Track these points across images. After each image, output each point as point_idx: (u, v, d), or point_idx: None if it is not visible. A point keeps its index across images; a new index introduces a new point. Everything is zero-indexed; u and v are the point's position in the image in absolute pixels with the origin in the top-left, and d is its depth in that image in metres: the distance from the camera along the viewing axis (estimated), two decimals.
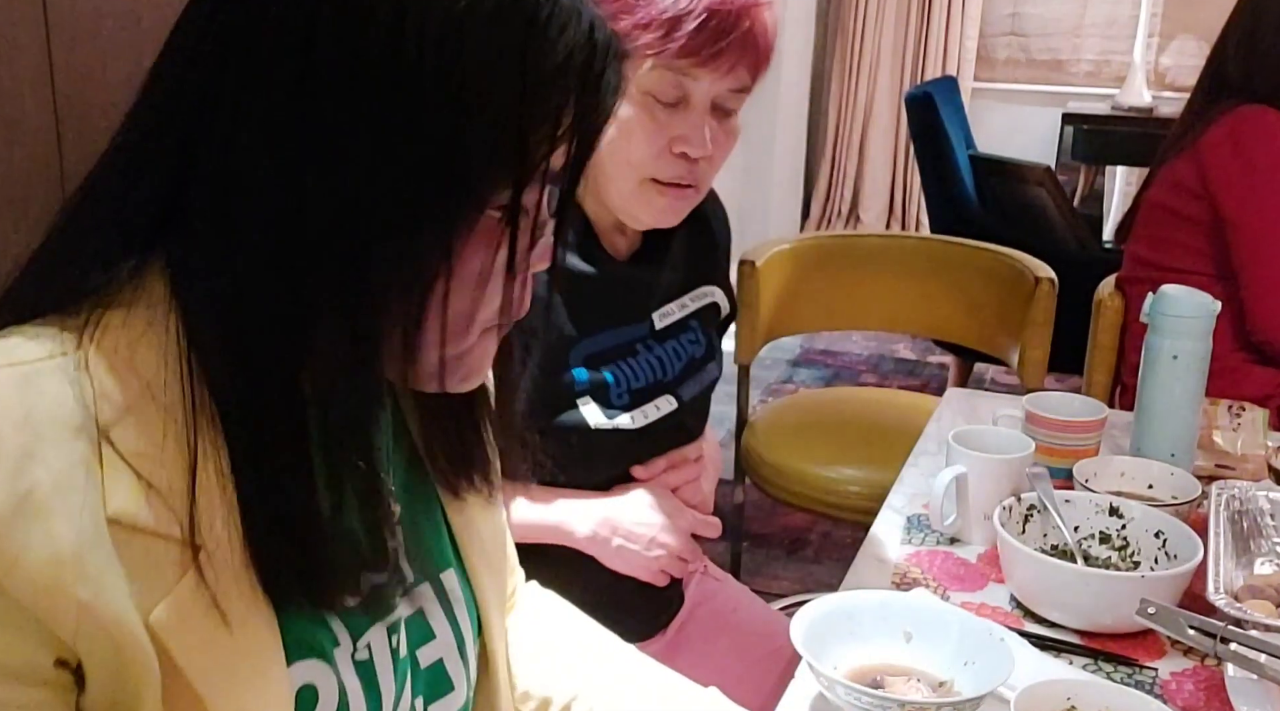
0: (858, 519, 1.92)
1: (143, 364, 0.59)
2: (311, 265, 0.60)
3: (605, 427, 1.17)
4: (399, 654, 0.72)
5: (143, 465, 0.57)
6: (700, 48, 1.07)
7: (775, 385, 4.02)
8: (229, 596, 0.59)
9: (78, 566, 0.54)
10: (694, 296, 1.31)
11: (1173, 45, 5.18)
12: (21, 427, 0.54)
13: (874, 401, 2.54)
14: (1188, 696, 0.98)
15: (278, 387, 0.61)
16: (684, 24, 1.05)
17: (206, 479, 0.59)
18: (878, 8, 5.43)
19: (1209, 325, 1.32)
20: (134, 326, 0.59)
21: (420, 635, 0.76)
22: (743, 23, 1.08)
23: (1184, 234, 1.93)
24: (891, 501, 1.33)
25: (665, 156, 1.13)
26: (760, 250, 2.25)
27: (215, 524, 0.59)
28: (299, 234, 0.59)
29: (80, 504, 0.54)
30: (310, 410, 0.62)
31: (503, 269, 0.65)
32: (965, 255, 2.30)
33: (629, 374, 1.21)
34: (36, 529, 0.53)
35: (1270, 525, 1.13)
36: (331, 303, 0.60)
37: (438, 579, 0.78)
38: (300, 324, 0.60)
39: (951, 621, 0.98)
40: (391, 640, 0.72)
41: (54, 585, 0.53)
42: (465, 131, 0.60)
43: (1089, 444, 1.33)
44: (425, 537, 0.79)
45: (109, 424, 0.56)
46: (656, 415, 1.22)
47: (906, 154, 5.48)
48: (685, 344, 1.28)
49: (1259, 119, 1.84)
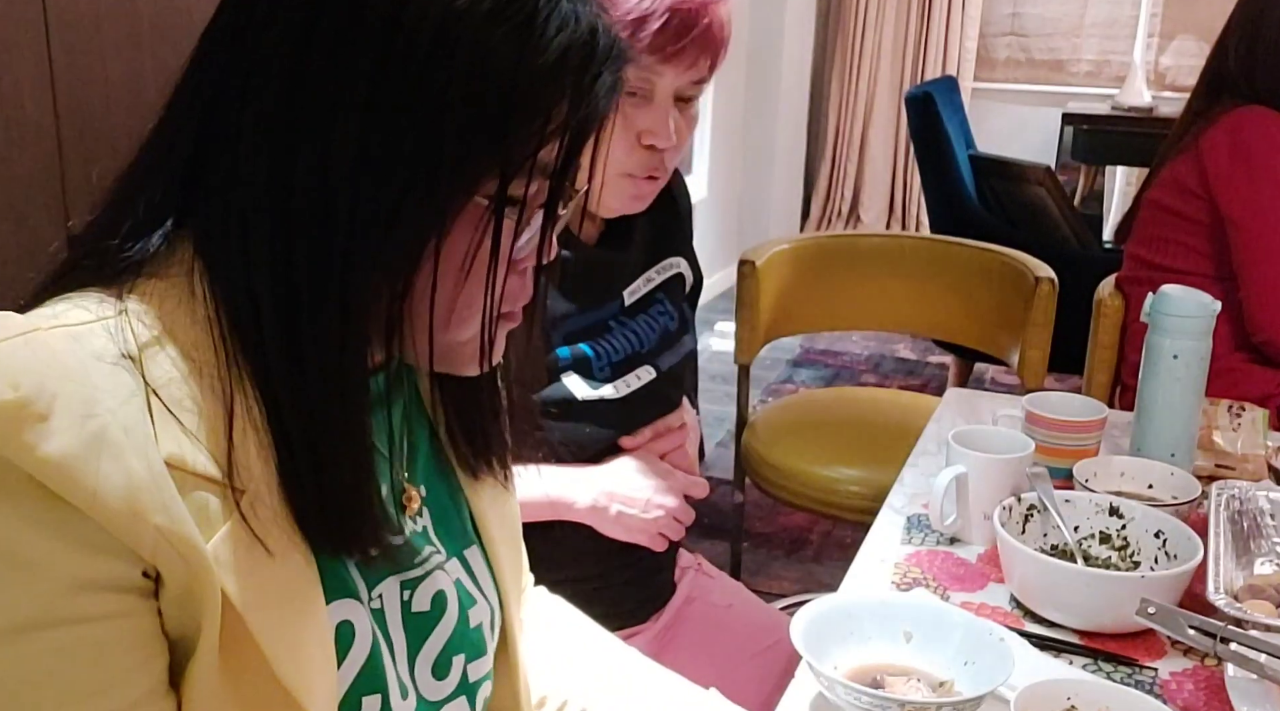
0: (858, 519, 1.92)
1: (176, 324, 0.63)
2: (304, 240, 0.63)
3: (591, 398, 1.22)
4: (410, 607, 0.75)
5: (185, 416, 0.61)
6: (664, 45, 1.11)
7: (775, 385, 4.02)
8: (270, 537, 0.63)
9: (151, 495, 0.57)
10: (659, 269, 1.36)
11: (1173, 45, 5.18)
12: (81, 380, 0.57)
13: (874, 401, 2.54)
14: (1188, 696, 0.98)
15: (287, 356, 0.64)
16: (649, 24, 1.10)
17: (242, 429, 0.63)
18: (878, 8, 5.43)
19: (1209, 325, 1.32)
20: (166, 291, 0.64)
21: (466, 599, 0.80)
22: (702, 19, 1.13)
23: (1184, 234, 1.93)
24: (891, 501, 1.33)
25: (635, 150, 1.18)
26: (760, 250, 2.25)
27: (253, 470, 0.63)
28: (291, 209, 0.63)
29: (144, 444, 0.58)
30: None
31: (486, 258, 0.67)
32: (965, 255, 2.30)
33: (607, 349, 1.26)
34: (110, 464, 0.56)
35: (1270, 525, 1.13)
36: (320, 276, 0.63)
37: (463, 555, 0.82)
38: (296, 295, 0.63)
39: (951, 621, 0.98)
40: (404, 594, 0.75)
41: (132, 512, 0.56)
42: (452, 118, 0.62)
43: (1089, 444, 1.33)
44: (451, 516, 0.82)
45: (152, 378, 0.60)
46: (638, 384, 1.27)
47: (906, 154, 5.48)
48: (656, 315, 1.33)
49: (1259, 119, 1.84)
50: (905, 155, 5.52)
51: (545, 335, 1.21)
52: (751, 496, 2.36)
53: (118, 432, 0.57)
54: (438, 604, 0.77)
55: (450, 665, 0.78)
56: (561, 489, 1.21)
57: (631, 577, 1.32)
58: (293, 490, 0.65)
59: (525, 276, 0.72)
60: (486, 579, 0.83)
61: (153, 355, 0.61)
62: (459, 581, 0.80)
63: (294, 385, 0.64)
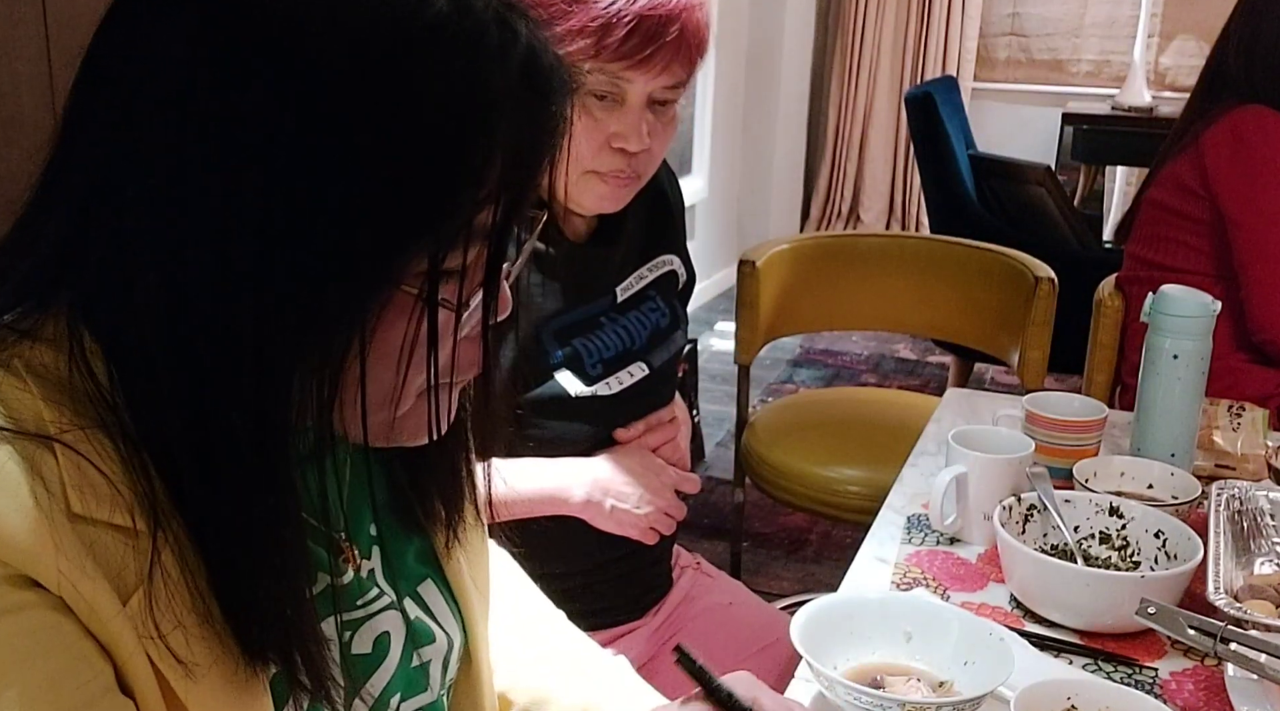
0: (858, 519, 1.92)
1: (61, 381, 0.58)
2: (205, 340, 0.56)
3: (584, 395, 1.23)
4: (350, 649, 0.73)
5: (102, 461, 0.56)
6: (632, 52, 1.10)
7: (775, 385, 4.02)
8: (198, 590, 0.59)
9: (55, 540, 0.53)
10: (651, 266, 1.36)
11: (1173, 45, 5.18)
12: None
13: (874, 401, 2.54)
14: (1188, 696, 0.98)
15: (187, 443, 0.58)
16: (614, 30, 1.09)
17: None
18: (878, 8, 5.43)
19: (1209, 325, 1.32)
20: (46, 353, 0.58)
21: (422, 635, 0.77)
22: (672, 27, 1.11)
23: (1184, 233, 1.93)
24: (891, 501, 1.33)
25: (605, 151, 1.18)
26: (760, 250, 2.25)
27: (173, 517, 0.58)
28: (190, 302, 0.56)
29: (44, 492, 0.54)
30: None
31: (424, 343, 0.60)
32: (965, 255, 2.30)
33: (599, 346, 1.27)
34: (6, 500, 0.53)
35: (1270, 525, 1.13)
36: (226, 379, 0.57)
37: (416, 592, 0.79)
38: (198, 398, 0.57)
39: (951, 621, 0.98)
40: (343, 635, 0.72)
41: (33, 551, 0.53)
42: (366, 188, 0.55)
43: (1089, 444, 1.33)
44: (405, 551, 0.79)
45: (55, 424, 0.56)
46: (630, 381, 1.28)
47: (906, 154, 5.48)
48: (647, 312, 1.34)
49: (1259, 118, 1.84)
50: (905, 155, 5.52)
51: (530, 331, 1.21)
52: (751, 496, 2.36)
53: (11, 471, 0.53)
54: (379, 646, 0.74)
55: (387, 706, 0.75)
56: (557, 483, 1.21)
57: (625, 571, 1.33)
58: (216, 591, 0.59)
59: (475, 341, 0.64)
60: (445, 612, 0.80)
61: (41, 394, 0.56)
62: (417, 620, 0.77)
63: (205, 484, 0.58)
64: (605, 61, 1.11)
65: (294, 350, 0.57)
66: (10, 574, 0.53)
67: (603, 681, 0.95)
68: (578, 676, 0.95)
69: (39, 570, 0.53)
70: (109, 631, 0.55)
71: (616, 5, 1.08)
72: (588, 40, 1.09)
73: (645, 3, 1.08)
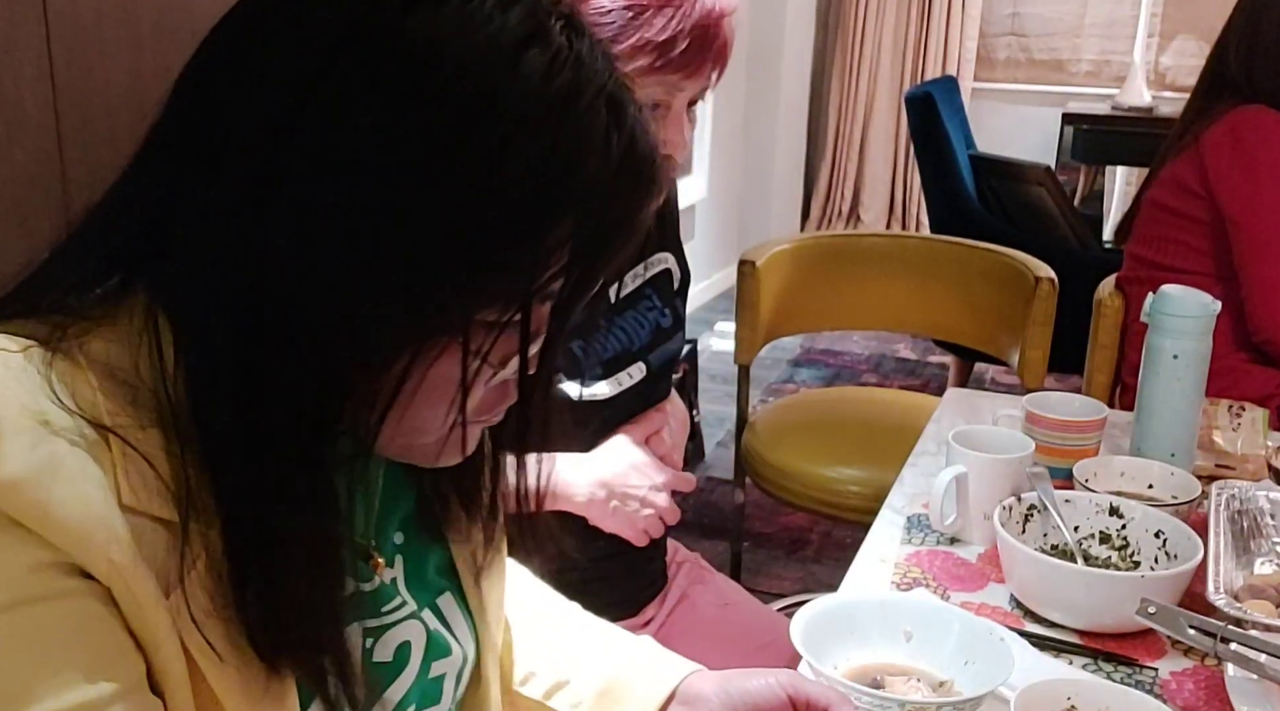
0: (858, 519, 1.92)
1: (121, 370, 0.59)
2: (272, 344, 0.58)
3: (584, 397, 1.24)
4: (371, 655, 0.73)
5: (153, 455, 0.58)
6: (689, 62, 1.13)
7: (775, 385, 4.02)
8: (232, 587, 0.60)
9: (108, 530, 0.54)
10: (647, 265, 1.37)
11: (1173, 45, 5.18)
12: (31, 405, 0.55)
13: (874, 401, 2.54)
14: (1188, 696, 0.98)
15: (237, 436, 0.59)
16: (678, 44, 1.11)
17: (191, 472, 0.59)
18: (878, 8, 5.43)
19: (1209, 325, 1.32)
20: (111, 340, 0.60)
21: (438, 649, 0.78)
22: (718, 36, 1.14)
23: (1184, 234, 1.93)
24: (891, 501, 1.33)
25: None
26: (760, 250, 2.25)
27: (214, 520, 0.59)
28: (264, 304, 0.58)
29: (99, 481, 0.55)
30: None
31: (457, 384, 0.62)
32: (965, 255, 2.30)
33: (596, 346, 1.27)
34: (64, 488, 0.54)
35: (1270, 525, 1.13)
36: (284, 382, 0.59)
37: (435, 604, 0.80)
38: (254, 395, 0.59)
39: (951, 621, 0.98)
40: (366, 641, 0.72)
41: (85, 537, 0.54)
42: (449, 250, 0.57)
43: (1089, 444, 1.33)
44: (427, 562, 0.80)
45: (111, 417, 0.57)
46: (630, 383, 1.29)
47: (906, 154, 5.48)
48: (644, 312, 1.34)
49: (1259, 119, 1.84)
50: (905, 155, 5.52)
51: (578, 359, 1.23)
52: (751, 496, 2.36)
53: (70, 463, 0.54)
54: (400, 655, 0.75)
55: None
56: (562, 479, 1.22)
57: (622, 567, 1.33)
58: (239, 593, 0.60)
59: (510, 383, 0.66)
60: (461, 625, 0.81)
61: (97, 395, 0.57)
62: (435, 632, 0.77)
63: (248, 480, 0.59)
64: (666, 74, 1.12)
65: (351, 368, 0.60)
66: (61, 561, 0.54)
67: (624, 657, 0.94)
68: (600, 653, 0.94)
69: (90, 559, 0.54)
70: (149, 622, 0.56)
71: (675, 19, 1.10)
72: (651, 56, 1.11)
73: (700, 15, 1.11)
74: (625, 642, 0.96)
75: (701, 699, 0.86)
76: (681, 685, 0.88)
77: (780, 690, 0.83)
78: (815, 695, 0.83)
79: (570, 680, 0.92)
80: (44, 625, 0.54)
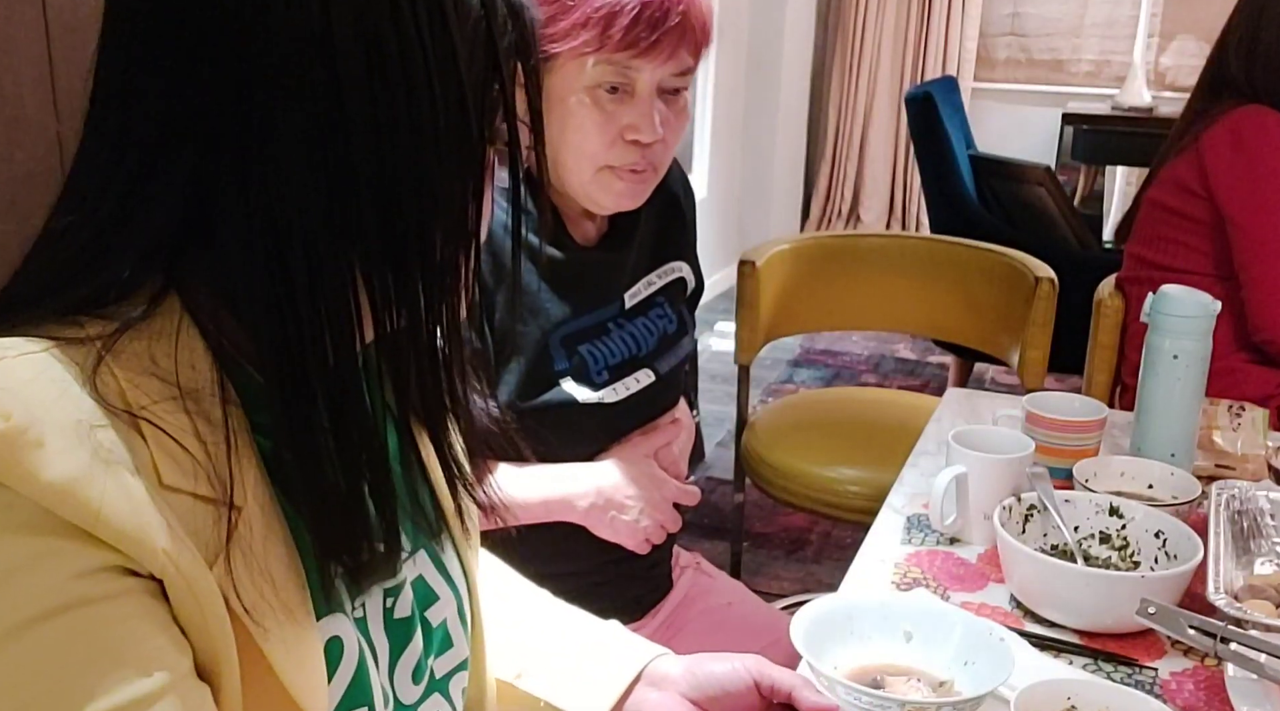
0: (858, 519, 1.92)
1: (161, 358, 0.60)
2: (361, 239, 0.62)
3: (591, 402, 1.23)
4: (393, 614, 0.74)
5: (183, 437, 0.59)
6: (637, 40, 1.11)
7: (775, 385, 4.02)
8: (268, 556, 0.62)
9: (156, 517, 0.56)
10: (660, 273, 1.36)
11: (1173, 45, 5.18)
12: (63, 402, 0.56)
13: (874, 401, 2.54)
14: (1188, 696, 0.98)
15: (294, 376, 0.62)
16: (619, 19, 1.10)
17: (236, 449, 0.61)
18: (878, 8, 5.43)
19: (1209, 325, 1.32)
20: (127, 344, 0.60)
21: (427, 597, 0.79)
22: (674, 12, 1.12)
23: (1184, 234, 1.93)
24: (891, 501, 1.33)
25: (618, 145, 1.18)
26: (760, 250, 2.25)
27: (248, 487, 0.62)
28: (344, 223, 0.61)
29: (140, 468, 0.57)
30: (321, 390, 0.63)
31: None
32: (965, 255, 2.30)
33: (605, 352, 1.26)
34: (112, 482, 0.55)
35: (1270, 525, 1.13)
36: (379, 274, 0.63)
37: (431, 546, 0.80)
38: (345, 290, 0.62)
39: (951, 621, 0.98)
40: (386, 601, 0.74)
41: (139, 532, 0.55)
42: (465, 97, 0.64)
43: (1089, 444, 1.33)
44: (420, 508, 0.81)
45: (132, 401, 0.58)
46: (637, 388, 1.28)
47: (906, 154, 5.48)
48: (655, 319, 1.33)
49: (1259, 119, 1.84)
50: (905, 155, 5.52)
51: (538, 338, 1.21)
52: (751, 496, 2.36)
53: (113, 454, 0.56)
54: (414, 613, 0.76)
55: (424, 667, 0.77)
56: (562, 490, 1.21)
57: (625, 573, 1.33)
58: (288, 496, 0.63)
59: None
60: (456, 568, 0.82)
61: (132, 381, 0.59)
62: (420, 577, 0.78)
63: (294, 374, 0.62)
64: (612, 52, 1.11)
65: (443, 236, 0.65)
66: (111, 564, 0.55)
67: (590, 640, 0.94)
68: (567, 635, 0.95)
69: (144, 554, 0.55)
70: (199, 595, 0.58)
71: None
72: (593, 32, 1.10)
73: None
74: (592, 626, 0.97)
75: (668, 680, 0.88)
76: (648, 667, 0.90)
77: (746, 673, 0.86)
78: (779, 678, 0.85)
79: (538, 662, 0.92)
80: (92, 628, 0.55)
